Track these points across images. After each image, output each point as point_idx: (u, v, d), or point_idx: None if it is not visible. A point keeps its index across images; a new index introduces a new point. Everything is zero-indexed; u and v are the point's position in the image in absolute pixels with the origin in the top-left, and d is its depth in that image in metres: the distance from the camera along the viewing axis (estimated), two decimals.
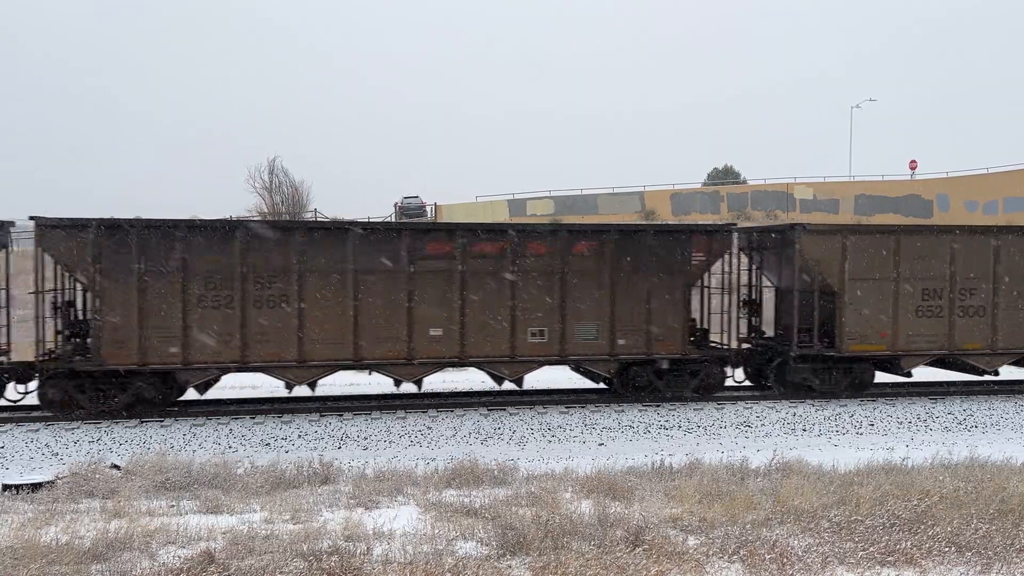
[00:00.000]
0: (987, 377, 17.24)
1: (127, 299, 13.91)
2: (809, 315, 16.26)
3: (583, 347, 15.26)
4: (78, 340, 14.84)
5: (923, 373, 17.98)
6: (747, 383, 17.64)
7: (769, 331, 18.22)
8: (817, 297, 16.21)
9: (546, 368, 15.99)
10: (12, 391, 14.80)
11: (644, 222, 18.59)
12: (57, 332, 14.68)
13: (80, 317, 15.16)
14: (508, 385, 16.40)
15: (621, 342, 15.31)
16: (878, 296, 15.96)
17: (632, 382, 15.92)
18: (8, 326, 14.97)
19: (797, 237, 16.03)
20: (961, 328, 16.20)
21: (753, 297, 18.12)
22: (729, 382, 16.84)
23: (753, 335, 18.01)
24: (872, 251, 15.98)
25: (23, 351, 16.18)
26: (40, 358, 14.33)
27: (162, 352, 14.04)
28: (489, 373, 15.94)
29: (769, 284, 18.32)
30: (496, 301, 14.92)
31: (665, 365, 15.75)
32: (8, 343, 14.94)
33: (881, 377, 17.11)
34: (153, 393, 14.52)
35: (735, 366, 16.88)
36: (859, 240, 16.00)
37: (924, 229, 17.69)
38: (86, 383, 14.31)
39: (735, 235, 16.51)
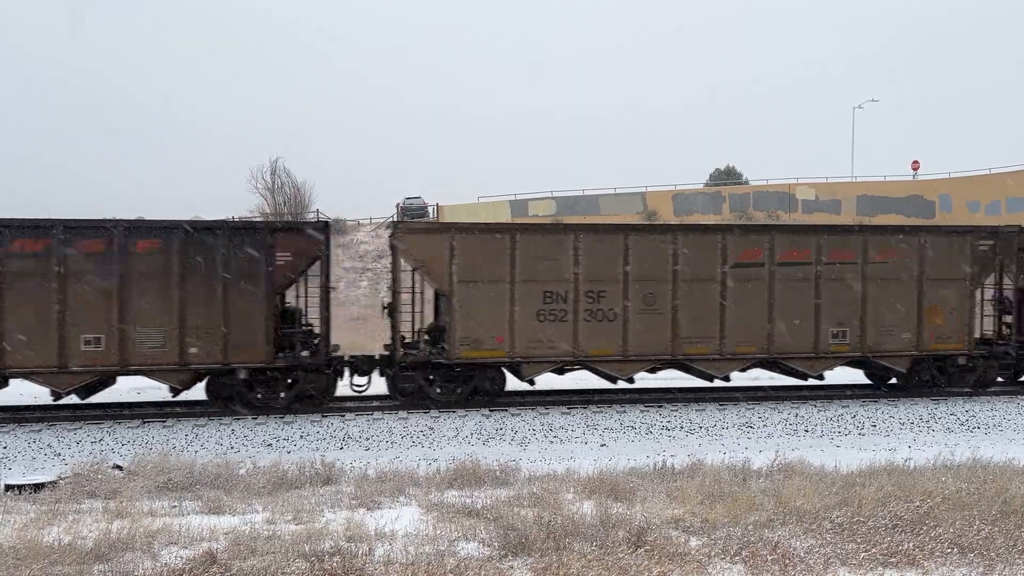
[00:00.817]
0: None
1: None
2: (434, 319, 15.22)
3: (148, 355, 13.99)
4: None
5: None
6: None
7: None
8: (419, 300, 15.36)
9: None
10: None
11: (217, 220, 16.74)
12: None
13: None
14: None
15: (193, 350, 14.09)
16: (493, 299, 14.77)
17: (221, 392, 14.87)
18: None
19: (399, 236, 14.87)
20: (588, 333, 15.04)
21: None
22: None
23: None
24: (485, 251, 14.83)
25: None
26: None
27: None
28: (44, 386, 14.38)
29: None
30: (40, 305, 13.60)
31: (243, 374, 14.55)
32: None
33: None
34: None
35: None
36: (469, 239, 14.86)
37: (542, 228, 16.61)
38: None
39: (327, 233, 14.90)
